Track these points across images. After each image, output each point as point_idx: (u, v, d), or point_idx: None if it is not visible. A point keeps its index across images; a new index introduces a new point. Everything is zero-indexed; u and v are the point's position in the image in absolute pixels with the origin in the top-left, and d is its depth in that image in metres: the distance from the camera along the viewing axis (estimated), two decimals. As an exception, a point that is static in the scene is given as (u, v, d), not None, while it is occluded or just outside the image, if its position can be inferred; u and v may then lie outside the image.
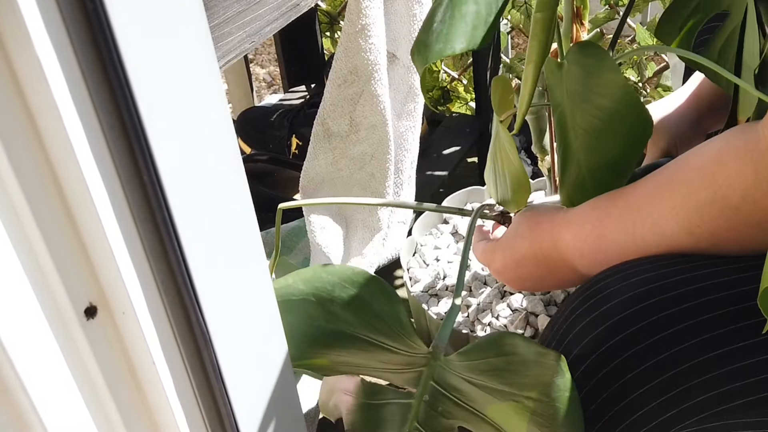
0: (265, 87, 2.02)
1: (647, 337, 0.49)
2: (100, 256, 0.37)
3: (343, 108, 0.91)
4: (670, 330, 0.49)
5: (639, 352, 0.49)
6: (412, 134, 1.04)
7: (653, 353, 0.49)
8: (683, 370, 0.48)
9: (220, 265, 0.43)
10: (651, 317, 0.49)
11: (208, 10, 0.60)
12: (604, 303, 0.51)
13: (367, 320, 0.57)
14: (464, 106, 1.50)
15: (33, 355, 0.35)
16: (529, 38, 0.53)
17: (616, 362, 0.50)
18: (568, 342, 0.52)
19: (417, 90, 1.02)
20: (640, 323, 0.49)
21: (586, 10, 0.60)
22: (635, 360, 0.49)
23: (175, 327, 0.42)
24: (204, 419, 0.46)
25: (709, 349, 0.48)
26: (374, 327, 0.57)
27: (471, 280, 0.90)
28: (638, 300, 0.50)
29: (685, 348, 0.48)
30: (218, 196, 0.41)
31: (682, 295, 0.50)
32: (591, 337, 0.51)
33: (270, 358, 0.50)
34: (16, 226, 0.34)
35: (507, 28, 1.44)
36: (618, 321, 0.50)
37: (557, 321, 0.55)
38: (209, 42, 0.37)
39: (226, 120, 0.40)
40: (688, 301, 0.49)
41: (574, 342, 0.52)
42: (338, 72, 0.88)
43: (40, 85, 0.32)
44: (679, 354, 0.48)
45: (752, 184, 0.46)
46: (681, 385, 0.48)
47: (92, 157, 0.34)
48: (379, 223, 0.98)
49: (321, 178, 0.95)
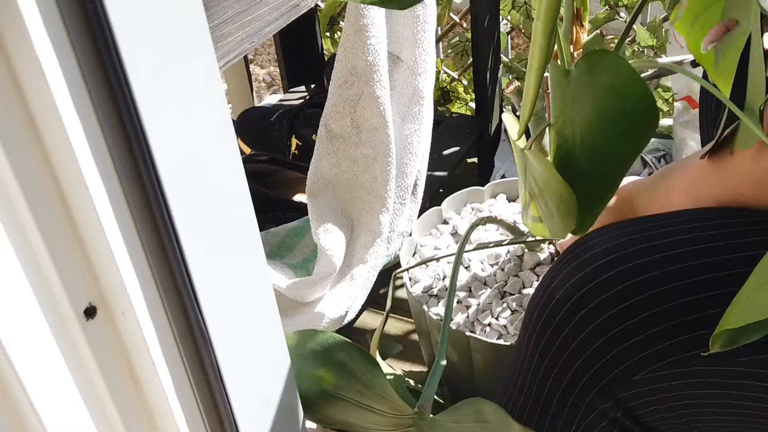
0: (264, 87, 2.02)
1: (624, 281, 0.54)
2: (99, 256, 0.37)
3: (344, 109, 0.91)
4: (645, 276, 0.53)
5: (616, 294, 0.54)
6: (417, 137, 1.03)
7: (629, 296, 0.54)
8: (656, 312, 0.53)
9: (219, 266, 0.43)
10: (629, 263, 0.54)
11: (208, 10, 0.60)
12: (585, 253, 0.57)
13: (352, 386, 0.59)
14: (464, 106, 1.50)
15: (33, 356, 0.35)
16: (530, 45, 0.53)
17: (595, 303, 0.54)
18: (553, 287, 0.57)
19: (422, 93, 1.01)
20: (618, 268, 0.54)
21: (586, 12, 0.60)
22: (612, 301, 0.54)
23: (175, 327, 0.42)
24: (203, 419, 0.46)
25: (682, 296, 0.52)
26: (359, 392, 0.60)
27: (471, 281, 0.90)
28: (613, 251, 0.55)
29: (659, 293, 0.53)
30: (218, 196, 0.41)
31: (654, 248, 0.55)
32: (572, 281, 0.56)
33: (269, 358, 0.50)
34: (16, 226, 0.34)
35: (507, 28, 1.44)
36: (598, 266, 0.55)
37: (545, 277, 0.60)
38: (209, 42, 0.37)
39: (226, 120, 0.40)
40: (660, 252, 0.54)
41: (557, 287, 0.57)
42: (339, 73, 0.88)
43: (40, 85, 0.32)
44: (653, 298, 0.53)
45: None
46: (653, 327, 0.53)
47: (92, 158, 0.34)
48: (380, 228, 0.98)
49: (326, 179, 0.95)
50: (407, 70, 1.00)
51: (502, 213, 0.98)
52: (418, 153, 1.04)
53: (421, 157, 1.05)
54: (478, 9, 1.23)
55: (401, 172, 1.03)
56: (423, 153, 1.06)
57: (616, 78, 0.52)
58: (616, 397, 0.55)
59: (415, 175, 1.06)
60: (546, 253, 0.91)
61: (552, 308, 0.56)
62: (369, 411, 0.60)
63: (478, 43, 1.26)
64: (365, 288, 1.01)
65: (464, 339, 0.83)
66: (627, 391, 0.54)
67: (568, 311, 0.55)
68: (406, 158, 1.02)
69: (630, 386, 0.54)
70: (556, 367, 0.56)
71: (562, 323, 0.55)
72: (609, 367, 0.54)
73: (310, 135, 1.28)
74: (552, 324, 0.56)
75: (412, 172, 1.05)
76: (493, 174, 1.40)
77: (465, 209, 1.02)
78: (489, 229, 0.97)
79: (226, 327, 0.44)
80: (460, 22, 1.45)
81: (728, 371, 0.52)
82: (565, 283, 0.56)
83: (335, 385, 0.60)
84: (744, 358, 0.51)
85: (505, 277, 0.89)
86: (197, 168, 0.39)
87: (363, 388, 0.59)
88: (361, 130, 0.92)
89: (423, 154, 1.06)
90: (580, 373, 0.55)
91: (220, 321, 0.43)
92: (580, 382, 0.55)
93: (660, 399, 0.54)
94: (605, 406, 0.56)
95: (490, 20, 1.25)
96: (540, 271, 0.89)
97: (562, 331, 0.55)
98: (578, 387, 0.55)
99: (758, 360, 0.51)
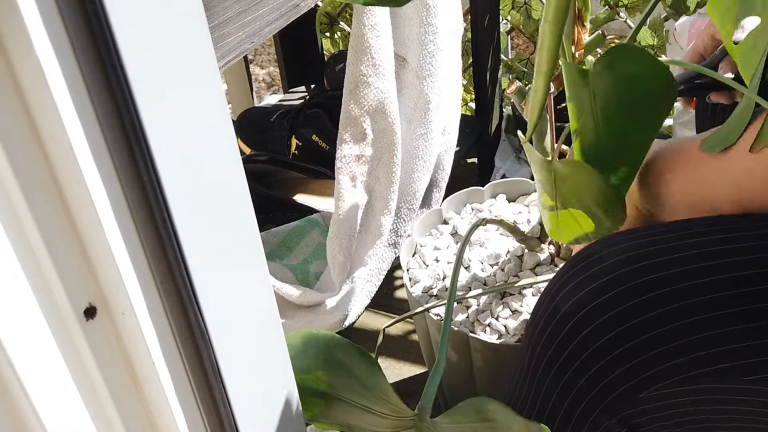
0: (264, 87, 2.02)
1: (631, 299, 0.52)
2: (99, 256, 0.37)
3: (355, 112, 0.91)
4: (652, 294, 0.52)
5: (622, 312, 0.52)
6: (424, 142, 1.02)
7: (635, 314, 0.52)
8: (663, 332, 0.51)
9: (219, 266, 0.43)
10: (636, 280, 0.52)
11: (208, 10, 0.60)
12: (591, 267, 0.55)
13: (352, 386, 0.59)
14: (464, 106, 1.50)
15: (32, 356, 0.35)
16: (538, 48, 0.53)
17: (600, 320, 0.52)
18: (558, 301, 0.55)
19: (429, 97, 1.00)
20: (625, 285, 0.52)
21: (587, 12, 0.60)
22: (617, 320, 0.52)
23: (175, 327, 0.42)
24: (203, 419, 0.46)
25: (689, 315, 0.51)
26: (359, 393, 0.60)
27: (470, 282, 0.90)
28: (625, 264, 0.53)
29: (666, 312, 0.51)
30: (218, 196, 0.41)
31: (661, 264, 0.53)
32: (579, 296, 0.54)
33: (269, 357, 0.50)
34: (16, 226, 0.34)
35: (507, 28, 1.44)
36: (604, 282, 0.53)
37: (550, 285, 0.58)
38: (209, 42, 0.37)
39: (226, 120, 0.40)
40: (667, 269, 0.52)
41: (563, 301, 0.55)
42: (350, 77, 0.87)
43: (39, 85, 0.32)
44: (660, 317, 0.51)
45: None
46: (660, 346, 0.51)
47: (92, 158, 0.34)
48: (381, 229, 0.98)
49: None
50: (412, 72, 1.00)
51: (502, 213, 0.98)
52: (426, 158, 1.03)
53: (432, 162, 1.05)
54: (478, 9, 1.23)
55: (408, 177, 1.02)
56: (429, 158, 1.05)
57: (639, 67, 0.53)
58: (621, 414, 0.54)
59: (426, 181, 1.05)
60: (546, 253, 0.91)
61: (557, 322, 0.55)
62: (368, 412, 0.60)
63: (478, 43, 1.26)
64: (367, 291, 1.00)
65: (464, 339, 0.83)
66: (632, 409, 0.53)
67: (573, 328, 0.54)
68: (412, 163, 1.02)
69: (635, 404, 0.53)
70: (561, 382, 0.55)
71: (566, 339, 0.54)
72: (614, 385, 0.53)
73: (310, 135, 1.28)
74: (557, 339, 0.55)
75: (421, 177, 1.04)
76: (493, 174, 1.40)
77: (465, 209, 1.02)
78: (489, 230, 0.97)
79: (226, 327, 0.44)
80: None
81: (736, 389, 0.51)
82: (570, 298, 0.55)
83: (335, 386, 0.60)
84: (752, 377, 0.50)
85: (505, 277, 0.89)
86: (197, 168, 0.39)
87: (363, 390, 0.59)
88: (371, 132, 0.92)
89: (438, 160, 1.05)
90: (584, 391, 0.54)
91: (220, 321, 0.43)
92: (584, 399, 0.54)
93: (666, 416, 0.53)
94: (610, 422, 0.55)
95: (490, 20, 1.25)
96: (540, 271, 0.89)
97: (566, 347, 0.54)
98: (583, 404, 0.54)
99: (766, 378, 0.50)
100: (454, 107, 1.07)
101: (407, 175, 1.01)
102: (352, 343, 0.61)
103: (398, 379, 1.09)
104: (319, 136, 1.27)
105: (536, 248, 0.91)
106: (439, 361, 0.65)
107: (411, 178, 1.02)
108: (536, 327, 0.57)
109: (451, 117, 1.07)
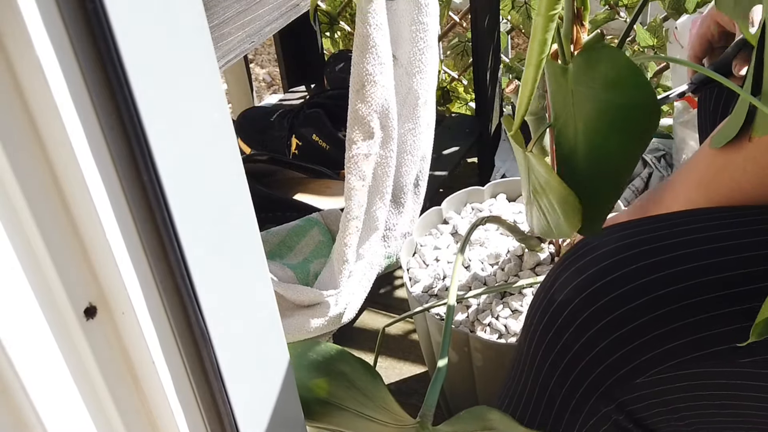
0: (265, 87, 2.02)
1: (626, 284, 0.53)
2: (99, 256, 0.37)
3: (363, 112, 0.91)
4: (647, 278, 0.53)
5: (617, 297, 0.53)
6: (413, 137, 1.03)
7: (630, 299, 0.53)
8: (658, 316, 0.52)
9: (219, 265, 0.43)
10: (630, 266, 0.53)
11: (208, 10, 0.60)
12: (586, 256, 0.56)
13: (354, 396, 0.59)
14: (464, 106, 1.50)
15: (32, 356, 0.35)
16: (530, 41, 0.53)
17: (596, 306, 0.54)
18: (554, 291, 0.56)
19: (418, 93, 1.01)
20: (620, 271, 0.54)
21: (586, 11, 0.60)
22: (613, 305, 0.53)
23: (175, 327, 0.42)
24: (203, 419, 0.46)
25: (684, 298, 0.52)
26: (361, 403, 0.60)
27: (471, 281, 0.90)
28: (614, 254, 0.55)
29: (661, 296, 0.52)
30: (218, 196, 0.41)
31: (655, 250, 0.54)
32: (574, 284, 0.55)
33: (269, 357, 0.50)
34: (16, 226, 0.34)
35: (507, 28, 1.44)
36: (599, 269, 0.54)
37: (546, 278, 0.59)
38: (209, 42, 0.37)
39: (226, 120, 0.40)
40: (661, 254, 0.53)
41: (558, 290, 0.56)
42: (355, 77, 0.87)
43: (39, 85, 0.32)
44: (655, 301, 0.52)
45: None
46: (656, 330, 0.52)
47: (92, 157, 0.34)
48: (376, 223, 0.98)
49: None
50: (401, 68, 1.00)
51: (502, 213, 0.98)
52: (414, 153, 1.04)
53: (419, 157, 1.06)
54: (478, 9, 1.23)
55: (397, 172, 1.03)
56: (422, 153, 1.06)
57: (615, 71, 0.53)
58: (619, 400, 0.55)
59: (415, 175, 1.06)
60: (546, 253, 0.91)
61: (553, 312, 0.56)
62: (370, 421, 0.60)
63: (478, 43, 1.26)
64: (363, 286, 1.01)
65: (464, 339, 0.83)
66: (629, 394, 0.54)
67: (569, 315, 0.55)
68: (401, 157, 1.03)
69: (632, 389, 0.54)
70: (558, 370, 0.56)
71: (563, 327, 0.55)
72: (611, 370, 0.53)
73: (310, 135, 1.28)
74: (553, 328, 0.56)
75: (409, 171, 1.05)
76: (493, 174, 1.40)
77: (465, 209, 1.02)
78: (489, 229, 0.97)
79: (226, 327, 0.44)
80: (460, 21, 1.45)
81: (732, 372, 0.52)
82: (566, 287, 0.56)
83: (336, 395, 0.60)
84: (748, 359, 0.51)
85: (505, 277, 0.89)
86: (197, 168, 0.39)
87: (365, 399, 0.59)
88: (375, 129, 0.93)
89: (422, 154, 1.06)
90: (581, 378, 0.55)
91: (220, 321, 0.43)
92: (582, 386, 0.55)
93: (663, 401, 0.54)
94: (608, 409, 0.55)
95: (490, 20, 1.25)
96: (540, 271, 0.89)
97: (563, 336, 0.55)
98: (580, 391, 0.55)
99: (762, 360, 0.51)
100: (432, 103, 1.08)
101: (396, 170, 1.02)
102: (352, 354, 0.61)
103: (398, 379, 1.09)
104: (319, 136, 1.27)
105: (536, 248, 0.91)
106: (440, 368, 0.65)
107: (400, 173, 1.03)
108: (533, 317, 0.58)
109: (432, 112, 1.08)
